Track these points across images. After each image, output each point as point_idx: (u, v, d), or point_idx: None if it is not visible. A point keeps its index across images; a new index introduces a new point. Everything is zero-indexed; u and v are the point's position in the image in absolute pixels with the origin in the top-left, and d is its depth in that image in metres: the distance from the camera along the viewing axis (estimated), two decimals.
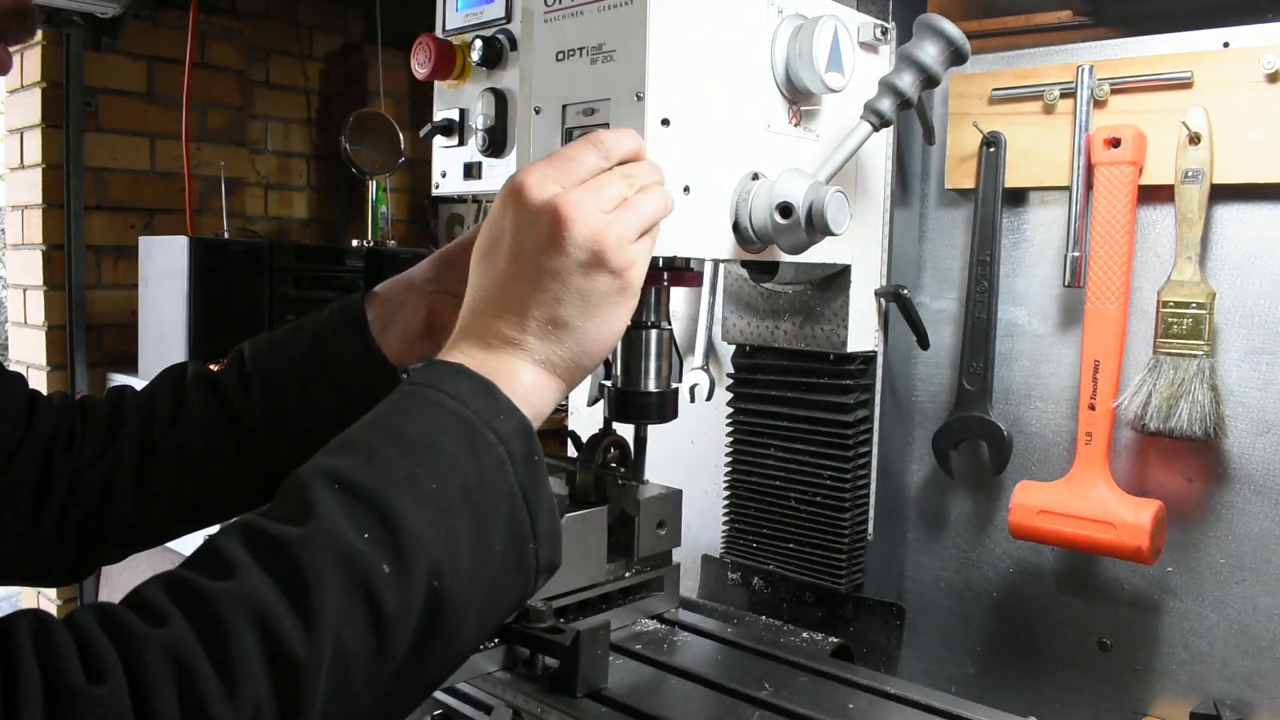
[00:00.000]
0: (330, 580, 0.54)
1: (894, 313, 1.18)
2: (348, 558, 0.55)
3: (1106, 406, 1.09)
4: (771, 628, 1.16)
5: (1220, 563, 1.08)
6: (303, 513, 0.56)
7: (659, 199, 0.72)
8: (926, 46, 0.90)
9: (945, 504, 1.27)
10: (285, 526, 0.56)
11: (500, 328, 0.68)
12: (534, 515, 0.63)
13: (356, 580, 0.55)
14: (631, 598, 1.12)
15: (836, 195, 0.83)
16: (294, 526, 0.55)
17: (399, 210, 3.60)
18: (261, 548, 0.55)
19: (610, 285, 0.68)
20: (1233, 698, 1.07)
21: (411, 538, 0.57)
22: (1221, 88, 1.03)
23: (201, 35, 2.99)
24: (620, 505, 1.06)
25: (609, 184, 0.70)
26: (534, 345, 0.67)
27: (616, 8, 0.80)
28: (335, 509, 0.56)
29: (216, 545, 0.56)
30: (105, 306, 2.88)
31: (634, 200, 0.71)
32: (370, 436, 0.62)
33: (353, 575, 0.55)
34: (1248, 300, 1.05)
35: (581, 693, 0.93)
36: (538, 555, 0.64)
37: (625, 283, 0.69)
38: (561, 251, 0.66)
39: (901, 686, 0.98)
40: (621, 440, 1.08)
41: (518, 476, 0.63)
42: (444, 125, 1.01)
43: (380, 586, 0.55)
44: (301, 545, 0.54)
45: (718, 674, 0.99)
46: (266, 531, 0.56)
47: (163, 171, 3.00)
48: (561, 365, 0.68)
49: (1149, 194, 1.09)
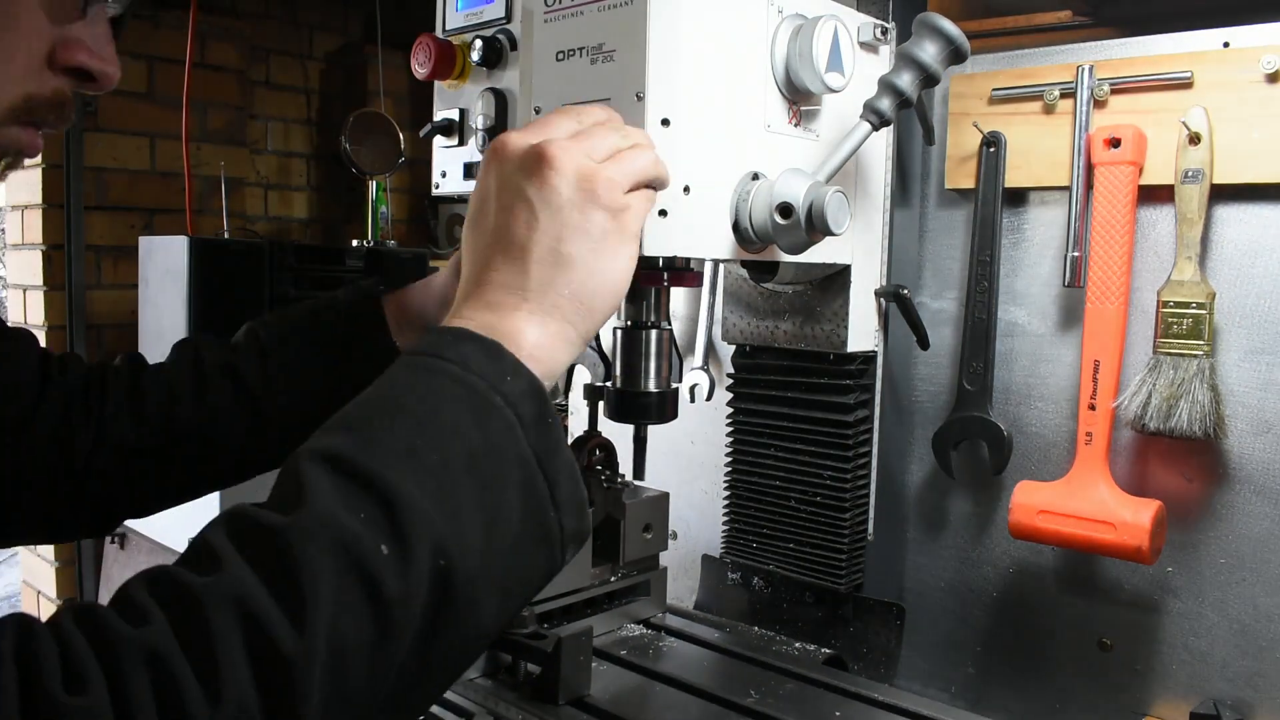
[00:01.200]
0: (322, 567, 0.51)
1: (894, 313, 1.18)
2: (341, 541, 0.51)
3: (1106, 406, 1.09)
4: (764, 637, 1.15)
5: (1220, 563, 1.08)
6: (295, 497, 0.53)
7: (648, 158, 0.72)
8: (926, 45, 0.90)
9: (945, 504, 1.27)
10: (273, 514, 0.53)
11: (501, 278, 0.65)
12: (551, 481, 0.59)
13: (351, 564, 0.51)
14: (617, 603, 1.11)
15: (836, 195, 0.83)
16: (283, 513, 0.53)
17: (399, 210, 3.60)
18: (248, 537, 0.52)
19: (607, 223, 0.67)
20: (1233, 698, 1.07)
21: (412, 515, 0.53)
22: (1221, 88, 1.03)
23: (201, 35, 2.99)
24: (605, 509, 1.05)
25: (598, 135, 0.70)
26: (537, 290, 0.64)
27: (616, 8, 0.80)
28: (328, 491, 0.53)
29: (204, 537, 0.53)
30: (105, 306, 2.88)
31: (625, 154, 0.70)
32: (367, 412, 0.59)
33: (347, 559, 0.51)
34: (1248, 300, 1.05)
35: (564, 700, 0.92)
36: (561, 523, 0.59)
37: (622, 225, 0.67)
38: (550, 186, 0.65)
39: (890, 694, 0.97)
40: (607, 442, 1.07)
41: (529, 440, 0.59)
42: (444, 125, 1.01)
43: (378, 569, 0.52)
44: (289, 531, 0.51)
45: (704, 681, 0.98)
46: (254, 519, 0.53)
47: (163, 171, 3.00)
48: (569, 307, 0.65)
49: (1149, 194, 1.09)
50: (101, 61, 0.68)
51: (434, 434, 0.57)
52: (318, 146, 3.52)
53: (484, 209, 0.69)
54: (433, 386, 0.59)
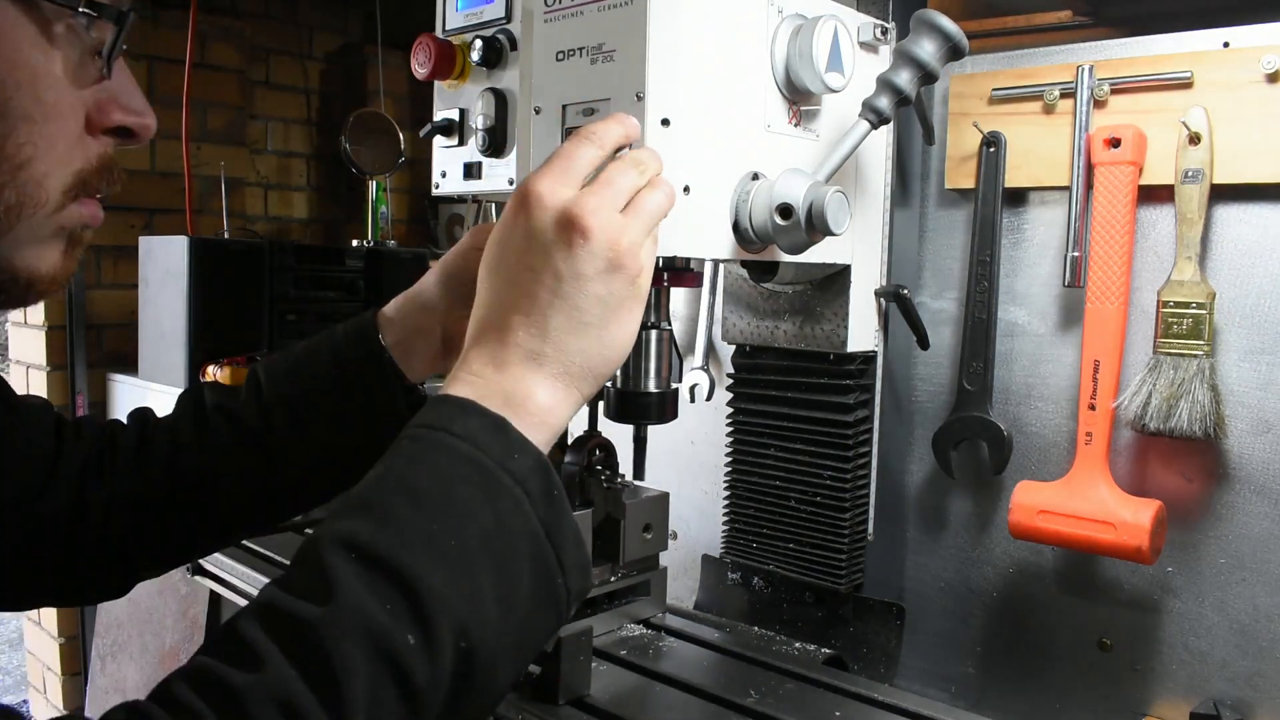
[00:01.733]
0: (357, 663, 0.53)
1: (894, 313, 1.18)
2: (372, 634, 0.54)
3: (1106, 406, 1.09)
4: (764, 638, 1.15)
5: (1220, 563, 1.08)
6: (323, 588, 0.55)
7: (664, 195, 0.73)
8: (924, 43, 0.90)
9: (945, 504, 1.27)
10: (307, 606, 0.55)
11: (517, 338, 0.67)
12: (558, 549, 0.62)
13: (382, 656, 0.54)
14: (617, 602, 1.11)
15: (836, 195, 0.83)
16: (315, 605, 0.55)
17: (399, 210, 3.60)
18: (285, 633, 0.54)
19: (626, 290, 0.68)
20: (1233, 698, 1.07)
21: (434, 602, 0.56)
22: (1221, 88, 1.03)
23: (201, 35, 2.99)
24: (605, 508, 1.05)
25: (618, 178, 0.70)
26: (552, 354, 0.67)
27: (616, 8, 0.80)
28: (355, 582, 0.56)
29: (240, 631, 0.55)
30: (105, 306, 2.88)
31: (642, 199, 0.71)
32: (382, 493, 0.61)
33: (378, 652, 0.54)
34: (1248, 300, 1.05)
35: (563, 700, 0.92)
36: (567, 587, 0.63)
37: (638, 289, 0.69)
38: (580, 258, 0.66)
39: (890, 694, 0.97)
40: (606, 442, 1.07)
41: (538, 514, 0.62)
42: (444, 125, 1.01)
43: (408, 659, 0.54)
44: (325, 628, 0.54)
45: (704, 681, 0.97)
46: (288, 613, 0.55)
47: (163, 171, 2.99)
48: (579, 374, 0.68)
49: (1149, 194, 1.09)
50: (138, 115, 0.67)
51: (448, 517, 0.59)
52: (318, 146, 3.52)
53: (506, 259, 0.69)
54: (442, 466, 0.61)
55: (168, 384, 2.44)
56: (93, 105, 0.64)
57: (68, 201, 0.64)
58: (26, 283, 0.64)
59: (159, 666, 1.86)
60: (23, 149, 0.60)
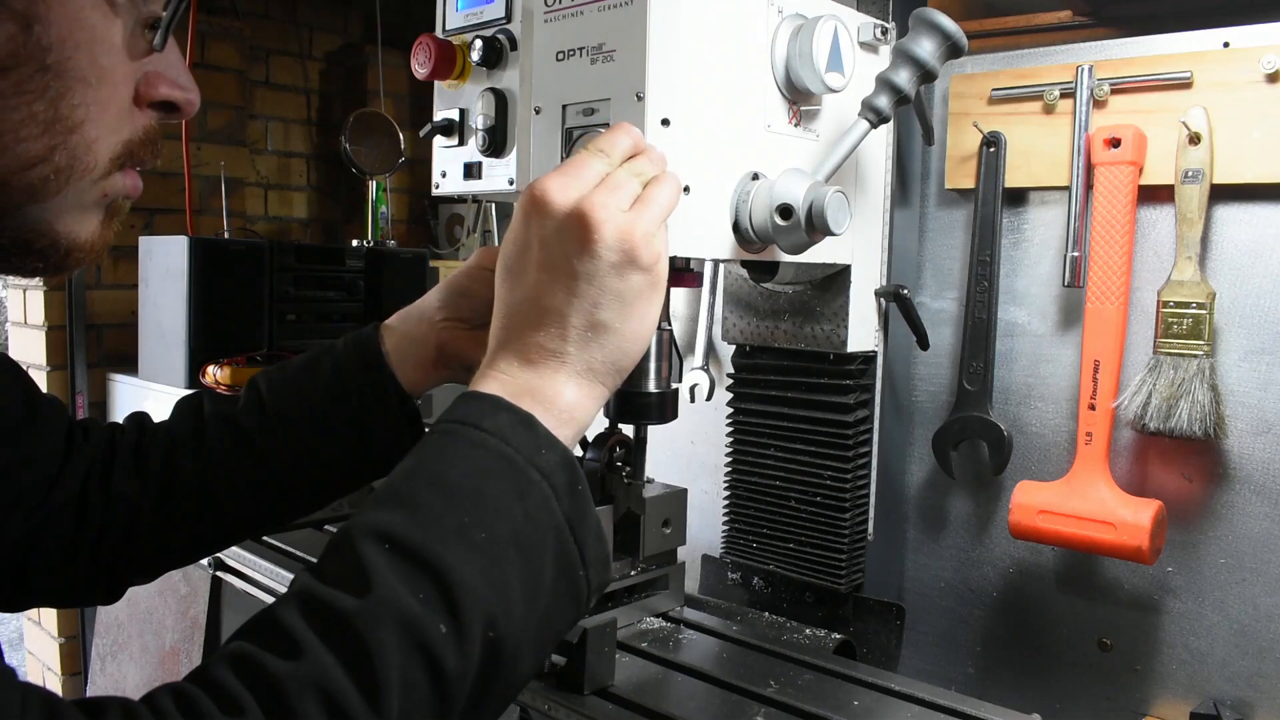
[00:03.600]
0: (392, 652, 0.55)
1: (894, 313, 1.18)
2: (406, 623, 0.56)
3: (1106, 406, 1.09)
4: (775, 624, 1.17)
5: (1220, 563, 1.08)
6: (358, 578, 0.57)
7: (670, 187, 0.73)
8: (923, 41, 0.90)
9: (945, 504, 1.27)
10: (344, 596, 0.57)
11: (539, 340, 0.68)
12: (581, 544, 0.64)
13: (416, 645, 0.56)
14: (637, 596, 1.12)
15: (836, 195, 0.83)
16: (352, 596, 0.57)
17: (399, 210, 3.60)
18: (324, 622, 0.56)
19: (643, 282, 0.69)
20: (1233, 698, 1.07)
21: (465, 593, 0.58)
22: (1221, 88, 1.03)
23: (201, 35, 2.99)
24: (626, 504, 1.06)
25: (623, 182, 0.71)
26: (575, 353, 0.68)
27: (616, 8, 0.80)
28: (389, 573, 0.57)
29: (278, 618, 0.57)
30: (105, 306, 2.88)
31: (649, 193, 0.72)
32: (415, 486, 0.63)
33: (412, 641, 0.56)
34: (1248, 300, 1.05)
35: (589, 690, 0.94)
36: (588, 580, 0.65)
37: (655, 277, 0.70)
38: (594, 255, 0.67)
39: (906, 684, 0.98)
40: (626, 439, 1.07)
41: (563, 509, 0.63)
42: (444, 125, 1.01)
43: (439, 648, 0.56)
44: (362, 618, 0.56)
45: (723, 671, 0.99)
46: (326, 603, 0.57)
47: (163, 171, 2.99)
48: (603, 370, 0.69)
49: (1149, 194, 1.09)
50: (183, 90, 0.67)
51: (479, 511, 0.61)
52: (318, 146, 3.52)
53: (522, 263, 0.70)
54: (474, 460, 0.63)
55: (168, 384, 2.44)
56: (141, 78, 0.65)
57: (114, 170, 0.65)
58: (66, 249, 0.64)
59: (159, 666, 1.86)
60: (76, 110, 0.60)
